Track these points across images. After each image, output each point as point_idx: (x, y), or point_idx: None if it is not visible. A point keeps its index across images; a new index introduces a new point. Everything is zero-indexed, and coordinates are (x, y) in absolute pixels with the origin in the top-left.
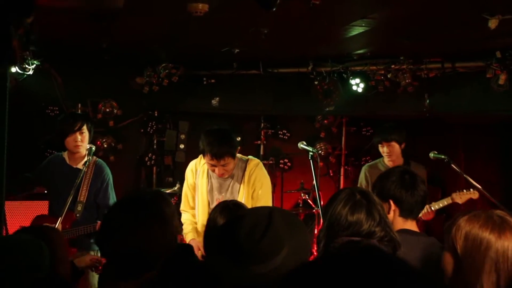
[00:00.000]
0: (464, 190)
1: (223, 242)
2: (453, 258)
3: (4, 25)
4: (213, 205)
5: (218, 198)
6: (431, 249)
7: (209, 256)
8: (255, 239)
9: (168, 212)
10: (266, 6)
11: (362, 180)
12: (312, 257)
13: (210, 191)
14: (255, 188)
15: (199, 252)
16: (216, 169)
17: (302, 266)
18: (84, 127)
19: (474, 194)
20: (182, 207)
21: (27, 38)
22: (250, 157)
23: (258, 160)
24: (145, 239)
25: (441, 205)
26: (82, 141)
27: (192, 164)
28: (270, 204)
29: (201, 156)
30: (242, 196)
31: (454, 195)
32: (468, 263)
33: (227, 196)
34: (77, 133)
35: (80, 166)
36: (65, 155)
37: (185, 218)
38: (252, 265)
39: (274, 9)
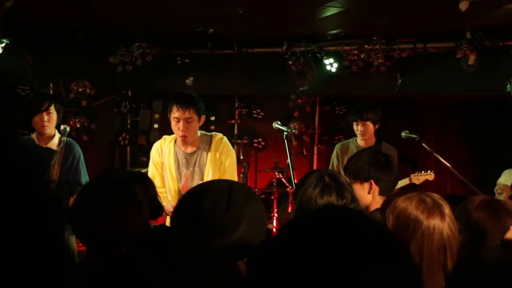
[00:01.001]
0: (423, 172)
1: (187, 216)
2: None
3: None
4: (181, 182)
5: (186, 174)
6: None
7: (173, 230)
8: (219, 213)
9: (141, 192)
10: None
11: (333, 158)
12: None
13: (178, 168)
14: (222, 160)
15: None
16: (181, 125)
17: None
18: (52, 107)
19: (430, 176)
20: None
21: (7, 22)
22: (213, 132)
23: (222, 135)
24: (117, 218)
25: (400, 185)
26: (49, 121)
27: (157, 144)
28: (236, 175)
29: (164, 137)
30: (210, 168)
31: (412, 176)
32: None
33: (195, 170)
34: (44, 113)
35: (50, 145)
36: (34, 136)
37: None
38: (216, 237)
39: None
